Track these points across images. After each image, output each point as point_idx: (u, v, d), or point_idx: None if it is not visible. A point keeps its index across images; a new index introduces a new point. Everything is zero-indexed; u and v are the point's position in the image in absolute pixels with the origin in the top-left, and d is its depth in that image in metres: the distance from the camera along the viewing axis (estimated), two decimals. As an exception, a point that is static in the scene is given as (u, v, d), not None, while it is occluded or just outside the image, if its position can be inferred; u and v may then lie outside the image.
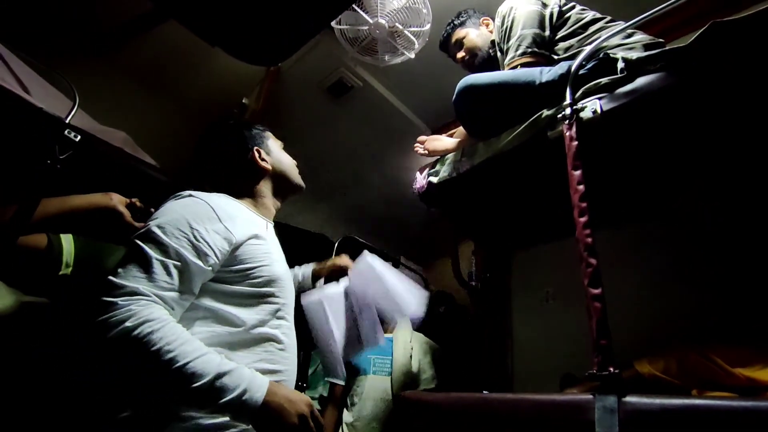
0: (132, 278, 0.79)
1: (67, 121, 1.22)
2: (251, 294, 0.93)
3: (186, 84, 2.16)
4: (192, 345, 0.77)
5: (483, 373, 1.70)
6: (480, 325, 2.03)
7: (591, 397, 0.85)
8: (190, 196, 0.95)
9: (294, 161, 1.27)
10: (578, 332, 1.00)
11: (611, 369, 0.85)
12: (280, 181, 1.20)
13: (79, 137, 1.23)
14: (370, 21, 1.77)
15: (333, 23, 1.80)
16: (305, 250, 1.95)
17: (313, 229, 2.21)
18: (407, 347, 1.96)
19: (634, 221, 1.58)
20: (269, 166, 1.17)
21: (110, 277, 0.79)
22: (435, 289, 2.83)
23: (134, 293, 0.77)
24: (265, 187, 1.17)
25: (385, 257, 2.61)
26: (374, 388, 1.84)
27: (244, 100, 2.08)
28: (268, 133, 1.26)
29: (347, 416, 1.85)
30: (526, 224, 1.76)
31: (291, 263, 1.20)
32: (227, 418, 0.81)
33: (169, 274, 0.81)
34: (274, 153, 1.21)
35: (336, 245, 2.15)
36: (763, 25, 0.91)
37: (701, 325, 1.31)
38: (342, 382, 1.93)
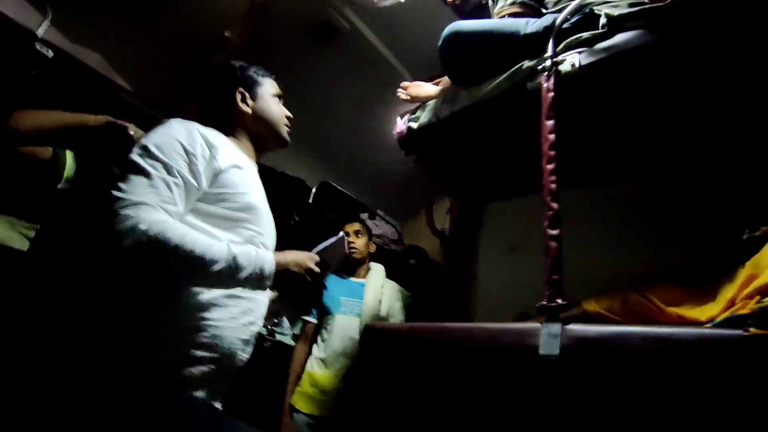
0: (137, 192, 0.82)
1: (39, 35, 1.17)
2: (226, 216, 0.96)
3: (167, 13, 2.05)
4: (201, 236, 0.86)
5: (446, 314, 1.80)
6: (449, 276, 2.13)
7: (538, 325, 0.94)
8: (179, 122, 0.97)
9: (285, 115, 1.20)
10: (538, 281, 1.06)
11: (559, 300, 0.94)
12: (259, 129, 1.16)
13: (51, 53, 1.19)
14: (362, -42, 1.71)
15: (323, -43, 1.73)
16: (282, 194, 1.97)
17: (292, 173, 2.21)
18: (377, 292, 2.05)
19: (605, 180, 1.60)
20: (249, 110, 1.14)
21: (114, 192, 0.82)
22: (408, 244, 2.92)
23: (141, 203, 0.81)
24: (245, 131, 1.15)
25: (362, 208, 2.67)
26: (343, 327, 1.94)
27: (226, 33, 2.01)
28: (267, 80, 1.20)
29: (317, 351, 1.95)
30: (500, 177, 1.81)
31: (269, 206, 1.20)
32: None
33: (170, 190, 0.86)
34: (262, 100, 1.16)
35: (314, 191, 2.17)
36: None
37: (656, 273, 1.36)
38: (314, 321, 2.02)
